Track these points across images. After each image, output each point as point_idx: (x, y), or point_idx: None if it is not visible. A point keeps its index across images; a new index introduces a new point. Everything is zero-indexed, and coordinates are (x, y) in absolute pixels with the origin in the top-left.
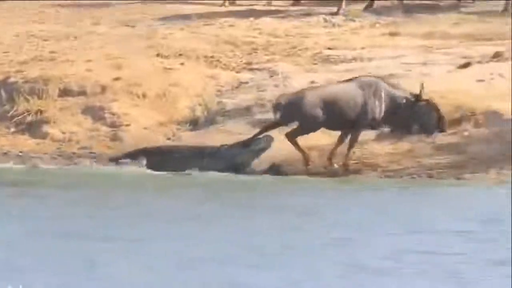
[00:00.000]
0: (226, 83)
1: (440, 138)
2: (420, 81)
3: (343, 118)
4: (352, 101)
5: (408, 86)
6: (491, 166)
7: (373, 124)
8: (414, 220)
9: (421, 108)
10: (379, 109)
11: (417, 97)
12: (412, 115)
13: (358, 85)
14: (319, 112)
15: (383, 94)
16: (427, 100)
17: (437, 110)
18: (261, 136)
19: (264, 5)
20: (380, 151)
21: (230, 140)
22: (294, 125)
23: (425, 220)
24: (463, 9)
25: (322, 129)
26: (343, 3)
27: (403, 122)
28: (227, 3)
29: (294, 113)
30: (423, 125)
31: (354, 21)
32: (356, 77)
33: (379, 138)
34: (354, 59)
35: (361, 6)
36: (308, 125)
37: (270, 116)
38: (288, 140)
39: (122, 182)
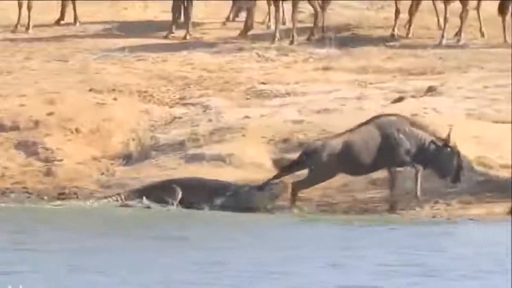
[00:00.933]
0: (159, 118)
1: (376, 173)
2: (353, 115)
3: (364, 161)
4: (373, 144)
5: (342, 122)
6: (426, 201)
7: (404, 161)
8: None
9: (445, 153)
10: (409, 143)
11: (445, 142)
12: (436, 159)
13: (376, 126)
14: (335, 164)
15: (407, 130)
16: (452, 146)
17: (458, 157)
18: (275, 181)
19: (196, 39)
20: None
21: (162, 175)
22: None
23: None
24: (396, 44)
25: None
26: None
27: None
28: (170, 35)
29: (310, 162)
30: (441, 170)
31: (287, 55)
32: (375, 117)
33: None
34: (288, 93)
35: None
36: (321, 176)
37: (203, 151)
38: (293, 190)
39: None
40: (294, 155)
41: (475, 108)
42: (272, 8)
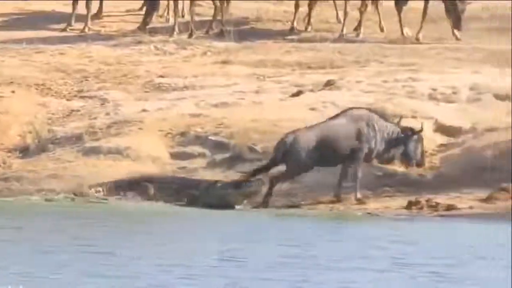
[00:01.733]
0: (57, 111)
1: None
2: (252, 109)
3: (337, 154)
4: (346, 135)
5: (240, 115)
6: (324, 194)
7: (370, 156)
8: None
9: (413, 140)
10: (374, 140)
11: (413, 131)
12: (405, 147)
13: (350, 118)
14: (310, 156)
15: (375, 124)
16: (419, 133)
17: (422, 144)
18: (253, 179)
19: (96, 32)
20: (211, 178)
21: (59, 168)
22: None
23: None
24: (294, 37)
25: None
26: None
27: (393, 154)
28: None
29: (284, 156)
30: (409, 156)
31: (185, 49)
32: (346, 110)
33: (210, 166)
34: (186, 87)
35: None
36: (298, 169)
37: (101, 144)
38: (272, 184)
39: None
40: (192, 148)
41: (374, 102)
42: (171, 1)
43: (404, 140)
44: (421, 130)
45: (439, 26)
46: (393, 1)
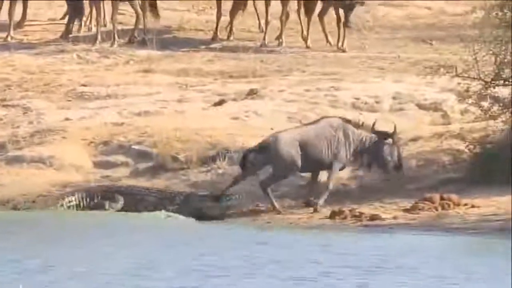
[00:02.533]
0: None
1: (195, 175)
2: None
3: (318, 159)
4: (326, 141)
5: (163, 124)
6: (247, 204)
7: (345, 163)
8: None
9: (386, 146)
10: (349, 147)
11: (385, 136)
12: (376, 153)
13: (328, 125)
14: (296, 155)
15: (350, 133)
16: (393, 136)
17: (398, 149)
18: (231, 192)
19: (18, 41)
20: None
21: None
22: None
23: None
24: (217, 46)
25: None
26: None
27: (368, 160)
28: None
29: (267, 158)
30: (383, 162)
31: (108, 57)
32: (322, 118)
33: (133, 175)
34: (108, 96)
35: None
36: (285, 169)
37: (24, 152)
38: (262, 189)
39: None
40: (115, 157)
41: (297, 111)
42: (94, 10)
43: (378, 145)
44: (394, 133)
45: (362, 35)
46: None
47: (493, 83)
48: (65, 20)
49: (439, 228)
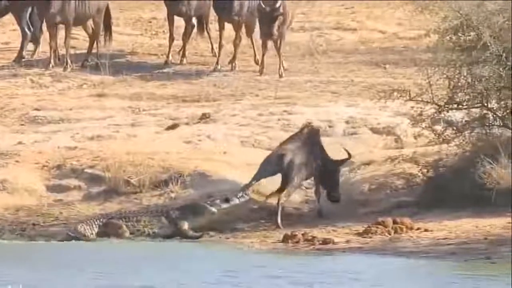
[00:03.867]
0: None
1: (148, 199)
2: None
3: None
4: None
5: (116, 148)
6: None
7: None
8: None
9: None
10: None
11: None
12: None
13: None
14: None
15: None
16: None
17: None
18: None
19: None
20: (87, 211)
21: None
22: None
23: None
24: (170, 70)
25: None
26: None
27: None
28: None
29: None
30: (333, 186)
31: (61, 82)
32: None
33: (86, 199)
34: (62, 120)
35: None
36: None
37: None
38: (277, 199)
39: None
40: (68, 181)
41: (249, 135)
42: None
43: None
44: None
45: (316, 59)
46: None
47: (447, 107)
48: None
49: (392, 252)
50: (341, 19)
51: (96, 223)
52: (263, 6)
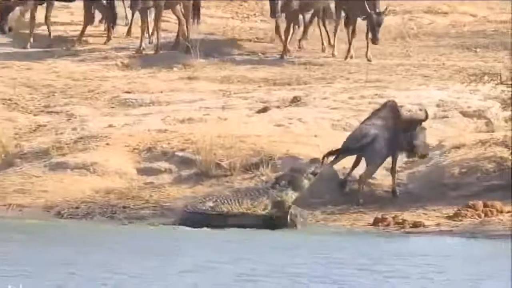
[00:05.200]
0: (24, 126)
1: (238, 182)
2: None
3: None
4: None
5: (206, 131)
6: None
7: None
8: None
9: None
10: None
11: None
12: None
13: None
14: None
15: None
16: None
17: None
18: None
19: (64, 49)
20: (178, 194)
21: (26, 183)
22: None
23: None
24: (261, 54)
25: None
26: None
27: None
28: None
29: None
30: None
31: (152, 64)
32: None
33: (176, 182)
34: (152, 102)
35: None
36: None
37: (67, 159)
38: (360, 182)
39: None
40: (159, 164)
41: (340, 118)
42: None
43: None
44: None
45: (407, 42)
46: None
47: None
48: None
49: (482, 235)
50: (432, 2)
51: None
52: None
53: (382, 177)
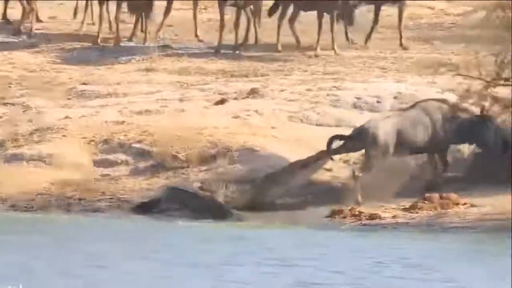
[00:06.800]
0: None
1: (195, 174)
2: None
3: (415, 144)
4: (422, 126)
5: (164, 123)
6: None
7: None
8: None
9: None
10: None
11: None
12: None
13: (422, 110)
14: (391, 140)
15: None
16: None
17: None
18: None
19: (19, 39)
20: (134, 186)
21: None
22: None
23: None
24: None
25: None
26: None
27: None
28: None
29: (364, 142)
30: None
31: (109, 56)
32: (417, 103)
33: (133, 173)
34: (109, 94)
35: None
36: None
37: (23, 151)
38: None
39: None
40: (115, 156)
41: (298, 110)
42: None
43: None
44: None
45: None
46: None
47: (494, 83)
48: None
49: (438, 227)
50: None
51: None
52: None
53: (339, 169)
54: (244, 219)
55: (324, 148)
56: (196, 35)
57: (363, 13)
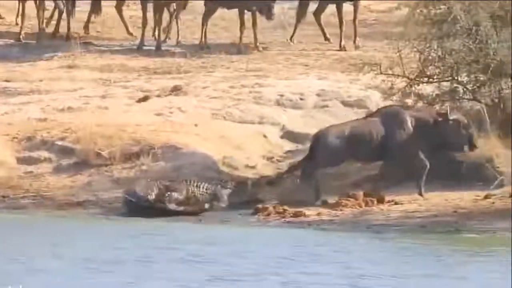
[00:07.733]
0: None
1: (119, 171)
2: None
3: (368, 150)
4: (374, 133)
5: (86, 119)
6: None
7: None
8: None
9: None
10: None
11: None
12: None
13: (380, 117)
14: (341, 146)
15: (408, 119)
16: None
17: (466, 127)
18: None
19: None
20: (58, 183)
21: None
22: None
23: None
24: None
25: None
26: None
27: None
28: None
29: (316, 148)
30: (451, 143)
31: (31, 53)
32: (378, 109)
33: (56, 171)
34: (32, 91)
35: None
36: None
37: None
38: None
39: None
40: (38, 153)
41: (221, 108)
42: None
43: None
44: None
45: (287, 32)
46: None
47: (417, 80)
48: None
49: (363, 225)
50: None
51: (155, 186)
52: None
53: (263, 166)
54: None
55: (249, 144)
56: (130, 33)
57: (285, 10)
